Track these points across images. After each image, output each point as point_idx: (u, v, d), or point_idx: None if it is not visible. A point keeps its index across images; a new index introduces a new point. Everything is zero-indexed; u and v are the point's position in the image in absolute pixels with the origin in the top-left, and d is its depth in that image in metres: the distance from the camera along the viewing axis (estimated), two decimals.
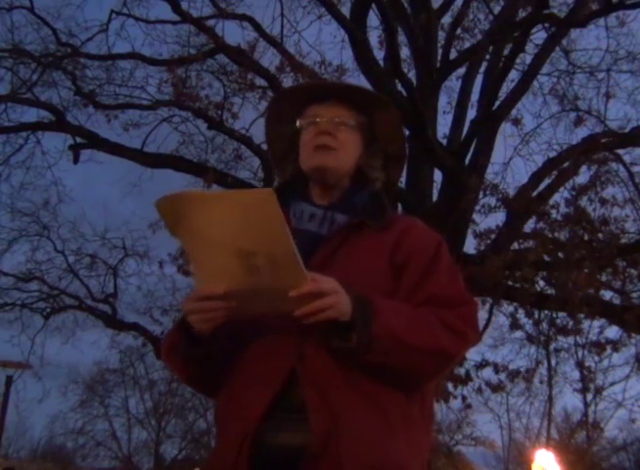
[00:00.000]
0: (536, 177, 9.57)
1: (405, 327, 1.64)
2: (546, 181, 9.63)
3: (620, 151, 9.86)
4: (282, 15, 10.76)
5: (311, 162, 1.89)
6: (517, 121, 10.42)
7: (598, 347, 9.68)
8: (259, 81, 10.22)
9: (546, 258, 8.76)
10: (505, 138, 11.11)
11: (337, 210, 1.87)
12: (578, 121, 10.65)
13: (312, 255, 1.74)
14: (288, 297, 1.53)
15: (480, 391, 10.08)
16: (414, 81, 9.36)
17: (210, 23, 10.29)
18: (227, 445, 1.64)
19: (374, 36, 10.27)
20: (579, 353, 10.87)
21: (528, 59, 10.22)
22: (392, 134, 2.03)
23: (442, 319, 1.70)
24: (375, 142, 1.99)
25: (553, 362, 11.42)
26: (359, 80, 10.35)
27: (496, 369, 9.89)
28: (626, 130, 10.00)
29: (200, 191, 1.61)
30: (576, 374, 12.29)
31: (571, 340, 10.28)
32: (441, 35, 10.36)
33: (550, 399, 13.77)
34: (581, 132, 10.60)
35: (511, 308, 9.97)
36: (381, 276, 1.76)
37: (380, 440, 1.62)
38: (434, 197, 9.40)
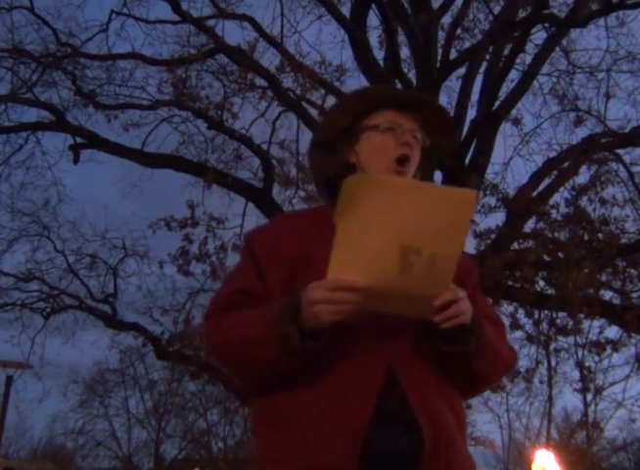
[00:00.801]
0: (536, 177, 9.56)
1: (495, 338, 1.77)
2: (546, 181, 9.63)
3: (620, 151, 9.87)
4: (282, 15, 10.77)
5: (391, 172, 1.81)
6: (517, 121, 10.42)
7: (598, 347, 9.67)
8: (259, 81, 10.24)
9: (546, 258, 8.76)
10: (505, 138, 11.16)
11: None
12: (578, 121, 10.66)
13: None
14: (421, 300, 1.53)
15: None
16: (414, 81, 9.36)
17: (210, 23, 10.30)
18: (334, 445, 1.57)
19: (374, 36, 10.30)
20: (579, 353, 10.86)
21: (528, 59, 10.24)
22: (436, 161, 2.03)
23: (502, 336, 1.86)
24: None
25: (553, 362, 11.41)
26: (359, 80, 10.39)
27: None
28: (626, 130, 10.00)
29: (401, 178, 1.54)
30: (576, 374, 12.27)
31: (570, 340, 10.28)
32: (441, 35, 10.34)
33: (550, 399, 13.75)
34: (581, 132, 10.63)
35: (511, 308, 9.96)
36: None
37: (465, 446, 1.73)
38: None
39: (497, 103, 9.35)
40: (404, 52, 10.18)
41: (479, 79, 10.48)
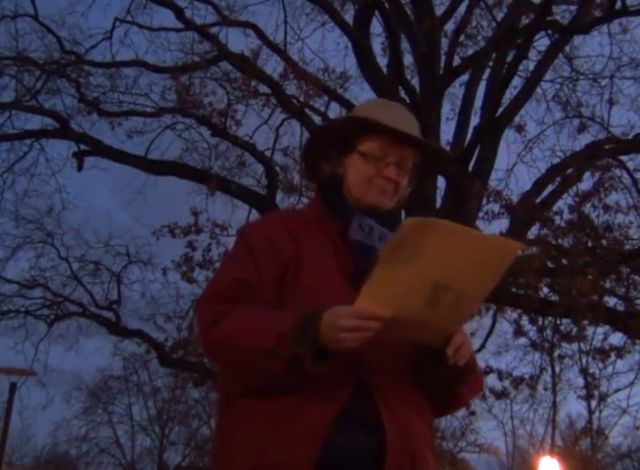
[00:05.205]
0: (540, 184, 9.56)
1: (475, 365, 1.90)
2: (550, 188, 9.62)
3: (624, 157, 9.87)
4: (285, 22, 10.80)
5: (368, 197, 1.86)
6: (520, 128, 10.41)
7: (602, 353, 9.66)
8: (263, 88, 10.25)
9: (550, 264, 8.74)
10: (508, 145, 11.12)
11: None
12: (582, 128, 10.65)
13: None
14: (432, 331, 1.62)
15: (484, 397, 10.09)
16: (417, 88, 9.37)
17: (214, 30, 10.31)
18: (297, 444, 1.60)
19: (377, 43, 10.32)
20: (583, 360, 10.88)
21: (532, 65, 10.24)
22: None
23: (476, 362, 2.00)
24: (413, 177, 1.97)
25: (557, 369, 11.42)
26: (362, 87, 10.40)
27: (500, 376, 9.88)
28: (630, 137, 10.01)
29: (456, 224, 1.56)
30: (580, 381, 12.28)
31: (575, 346, 10.30)
32: (444, 42, 10.35)
33: (554, 406, 13.76)
34: (585, 139, 10.60)
35: (515, 315, 9.96)
36: None
37: (434, 465, 1.79)
38: (438, 203, 9.40)
39: (500, 109, 9.35)
40: (407, 59, 10.20)
41: (482, 86, 10.51)
